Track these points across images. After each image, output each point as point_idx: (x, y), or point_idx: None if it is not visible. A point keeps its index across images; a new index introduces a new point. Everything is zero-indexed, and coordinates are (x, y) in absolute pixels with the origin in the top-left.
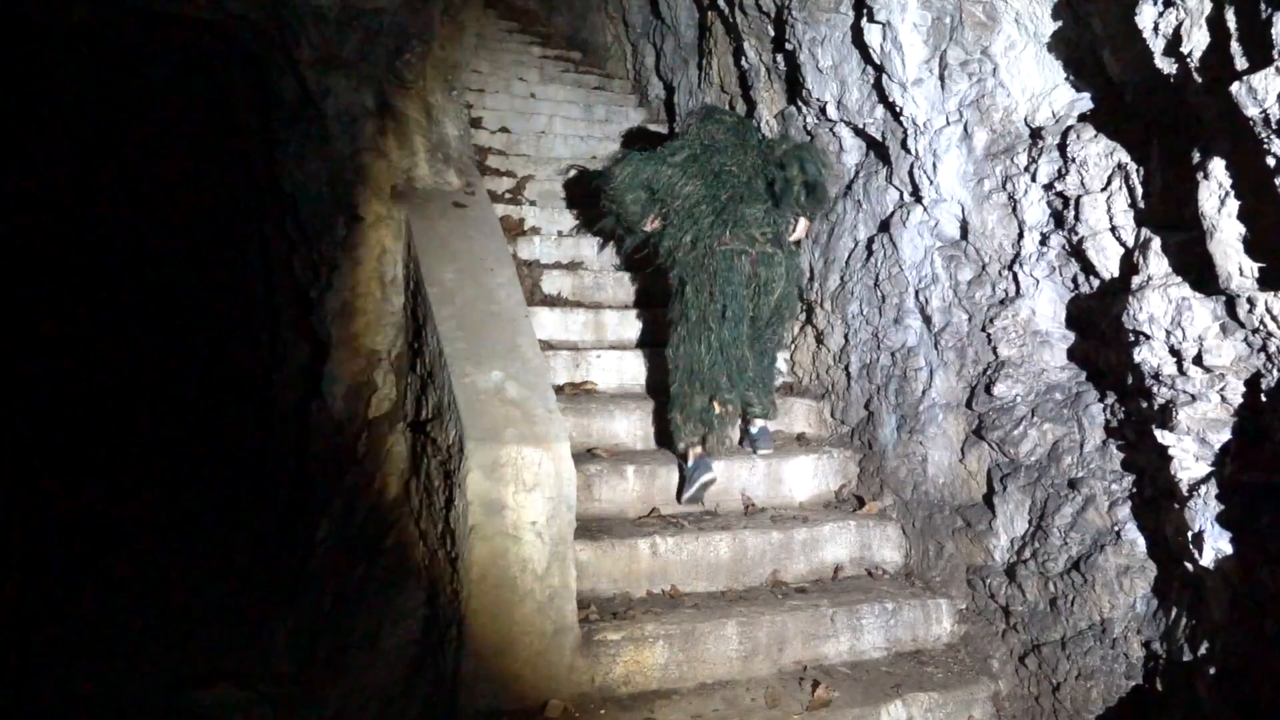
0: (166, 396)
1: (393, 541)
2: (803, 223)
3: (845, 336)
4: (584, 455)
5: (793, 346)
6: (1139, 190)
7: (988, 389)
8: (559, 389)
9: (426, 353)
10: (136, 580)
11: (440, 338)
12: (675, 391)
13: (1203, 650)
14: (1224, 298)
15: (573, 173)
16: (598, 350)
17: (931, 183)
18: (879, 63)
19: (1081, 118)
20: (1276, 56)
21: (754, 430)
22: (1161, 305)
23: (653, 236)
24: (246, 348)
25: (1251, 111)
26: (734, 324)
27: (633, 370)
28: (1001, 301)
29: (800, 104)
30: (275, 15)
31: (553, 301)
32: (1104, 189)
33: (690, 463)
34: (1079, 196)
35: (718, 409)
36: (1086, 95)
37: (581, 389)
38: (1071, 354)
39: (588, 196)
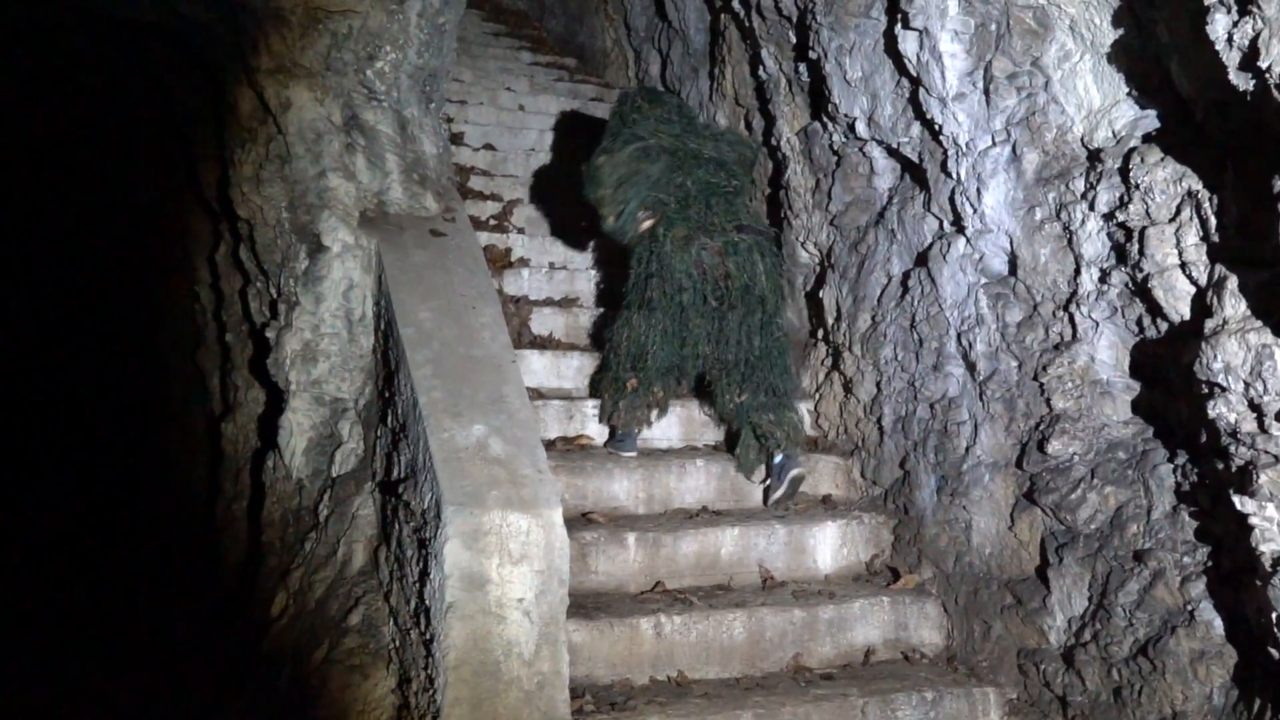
0: (89, 442)
1: (359, 619)
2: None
3: (877, 385)
4: (578, 521)
5: (816, 396)
6: (1212, 222)
7: (1040, 446)
8: (550, 444)
9: (399, 403)
10: (56, 660)
11: (415, 386)
12: (604, 363)
13: None
14: None
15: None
16: (594, 400)
17: (975, 211)
18: (915, 75)
19: (1146, 138)
20: None
21: (777, 461)
22: (1239, 353)
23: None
24: (193, 393)
25: None
26: (677, 317)
27: None
28: (1056, 346)
29: (826, 120)
30: (231, 19)
31: (544, 344)
32: (1172, 220)
33: (619, 432)
34: (1144, 228)
35: (630, 388)
36: (1152, 113)
37: (576, 444)
38: (1136, 407)
39: (582, 224)
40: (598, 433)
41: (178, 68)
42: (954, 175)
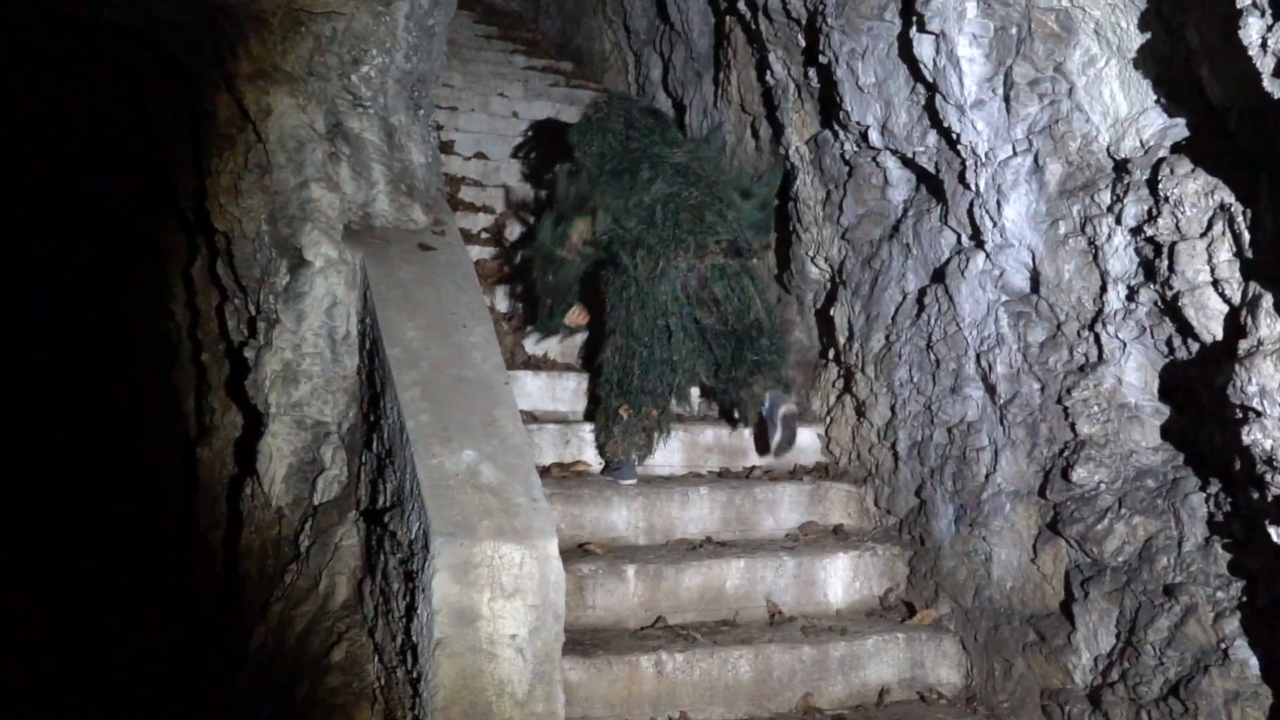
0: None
1: (342, 656)
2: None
3: (892, 408)
4: (575, 552)
5: (827, 420)
6: (1246, 237)
7: (1065, 474)
8: (545, 471)
9: (385, 426)
10: (19, 693)
11: (401, 409)
12: (597, 393)
13: None
14: None
15: None
16: (591, 424)
17: (995, 224)
18: (931, 80)
19: (1175, 148)
20: None
21: (767, 404)
22: (1275, 375)
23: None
24: (166, 416)
25: None
26: (665, 342)
27: None
28: (1081, 368)
29: (837, 128)
30: (208, 21)
31: (538, 364)
32: (1203, 234)
33: (617, 459)
34: (1173, 243)
35: (624, 415)
36: (1181, 121)
37: (572, 471)
38: (1166, 432)
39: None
40: (595, 458)
41: (152, 72)
42: (973, 187)
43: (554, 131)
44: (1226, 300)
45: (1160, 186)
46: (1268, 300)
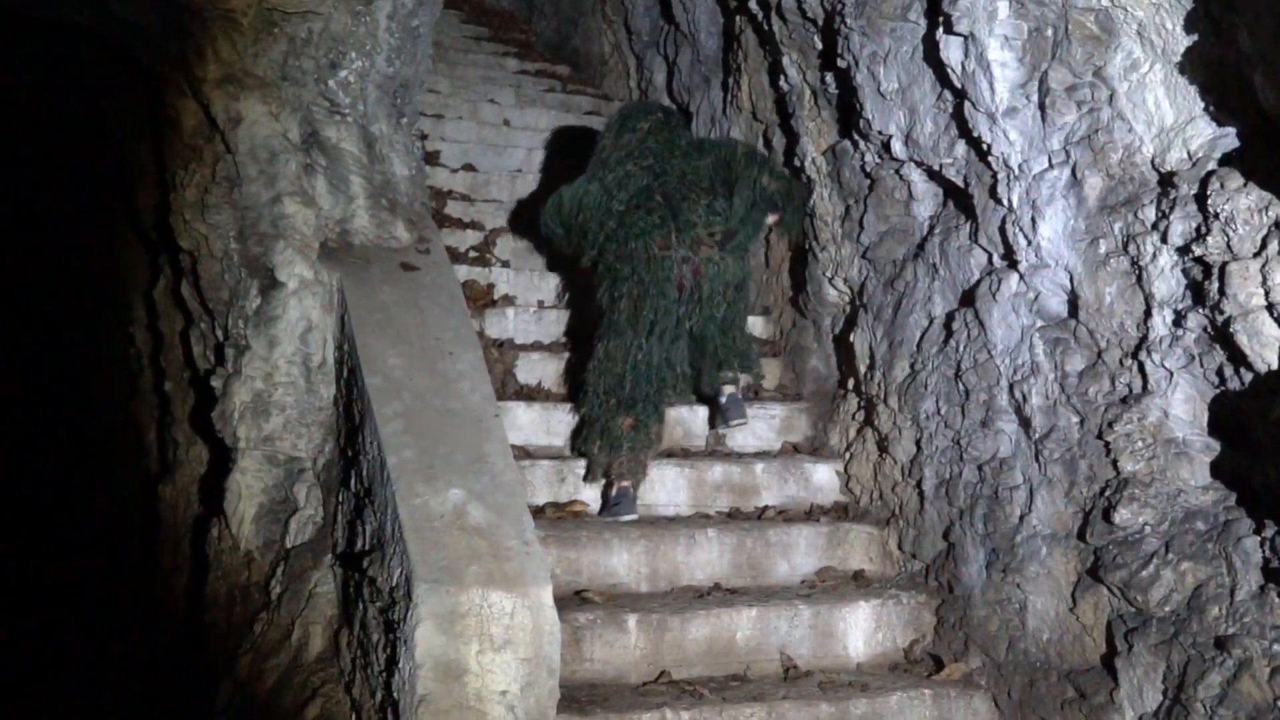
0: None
1: (316, 713)
2: (771, 215)
3: (917, 443)
4: (571, 600)
5: (846, 455)
6: None
7: (1106, 515)
8: (539, 511)
9: (364, 463)
10: None
11: (382, 443)
12: (588, 414)
13: None
14: None
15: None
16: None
17: (1030, 243)
18: (960, 86)
19: (1225, 160)
20: None
21: (723, 399)
22: None
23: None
24: (125, 449)
25: None
26: (662, 339)
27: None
28: (1123, 400)
29: (857, 137)
30: (173, 21)
31: (531, 394)
32: (1257, 254)
33: (614, 493)
34: (1224, 263)
35: (625, 427)
36: (1231, 131)
37: (568, 511)
38: (1217, 470)
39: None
40: (593, 497)
41: (112, 77)
42: (1005, 202)
43: (550, 140)
44: None
45: (1210, 202)
46: None
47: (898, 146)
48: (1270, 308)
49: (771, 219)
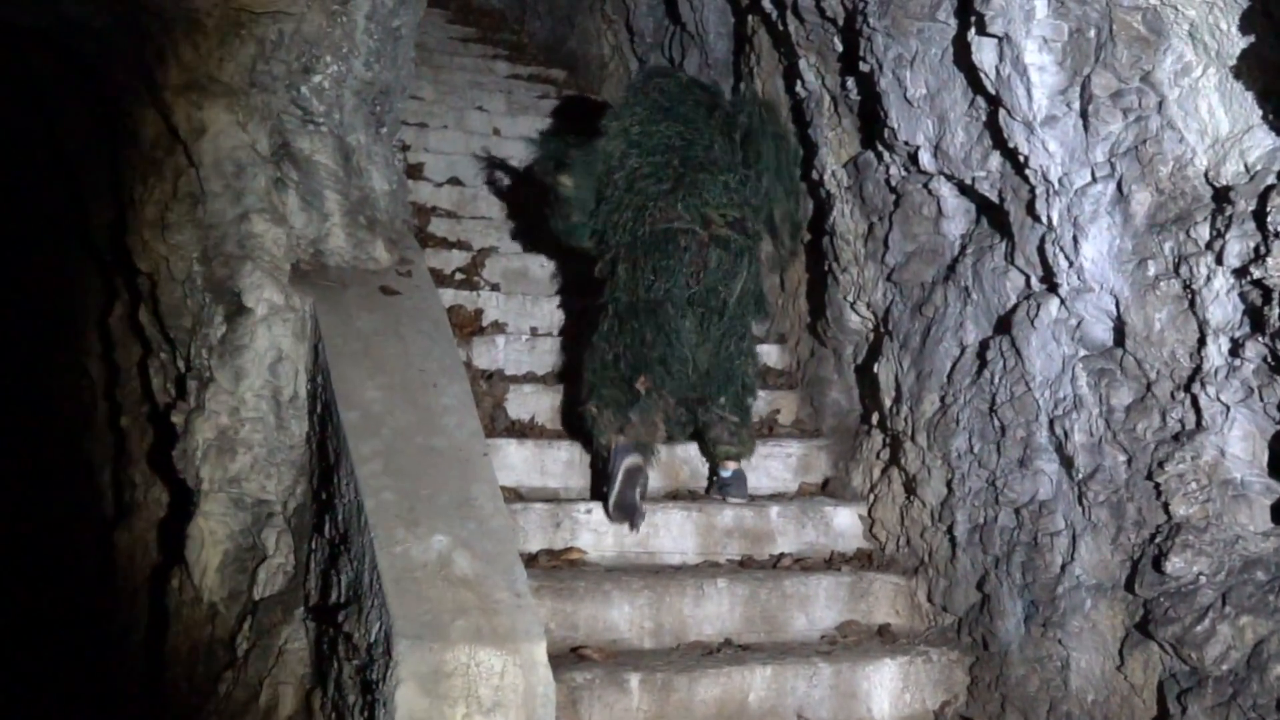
0: None
1: None
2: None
3: (948, 484)
4: (568, 658)
5: (870, 498)
6: None
7: (1157, 564)
8: (532, 559)
9: (340, 506)
10: None
11: (360, 485)
12: (592, 379)
13: None
14: None
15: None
16: (588, 503)
17: (1071, 264)
18: (994, 92)
19: None
20: None
21: (725, 474)
22: None
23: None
24: (78, 491)
25: None
26: (672, 313)
27: (639, 530)
28: (1175, 437)
29: (881, 148)
30: (132, 23)
31: (524, 430)
32: None
33: (614, 449)
34: None
35: (643, 389)
36: None
37: (564, 559)
38: (1279, 514)
39: (575, 273)
40: (591, 542)
41: (64, 84)
42: (1044, 219)
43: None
44: None
45: (1270, 219)
46: None
47: (926, 158)
48: None
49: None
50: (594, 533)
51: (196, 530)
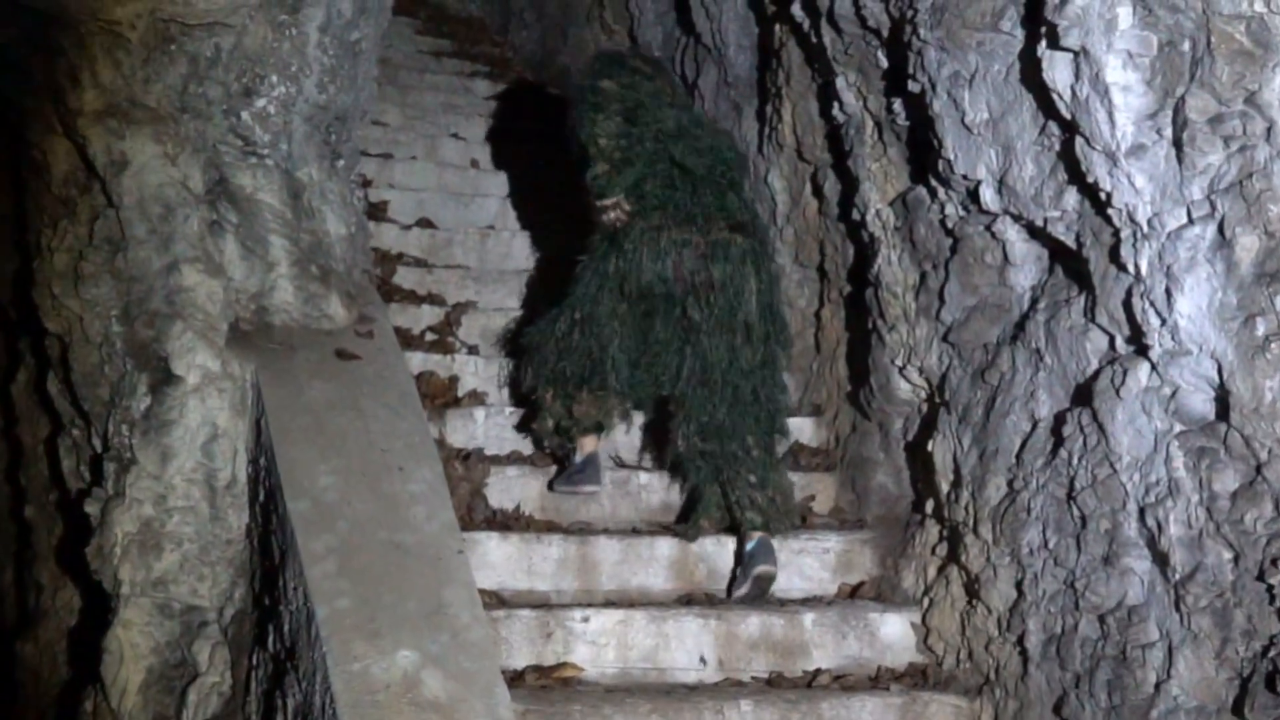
0: None
1: None
2: None
3: (1018, 586)
4: None
5: (924, 602)
6: None
7: (1271, 682)
8: (517, 677)
9: (286, 614)
10: None
11: (310, 589)
12: (543, 381)
13: None
14: None
15: None
16: (584, 609)
17: (1164, 322)
18: (1069, 117)
19: None
20: None
21: (750, 545)
22: None
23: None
24: None
25: None
26: (638, 322)
27: (646, 642)
28: None
29: (934, 183)
30: (40, 38)
31: (507, 522)
32: None
33: (579, 459)
34: None
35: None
36: None
37: (556, 678)
38: None
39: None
40: (588, 657)
41: None
42: (1130, 268)
43: (536, 193)
44: None
45: None
46: None
47: (988, 195)
48: None
49: None
50: (592, 645)
51: (115, 642)
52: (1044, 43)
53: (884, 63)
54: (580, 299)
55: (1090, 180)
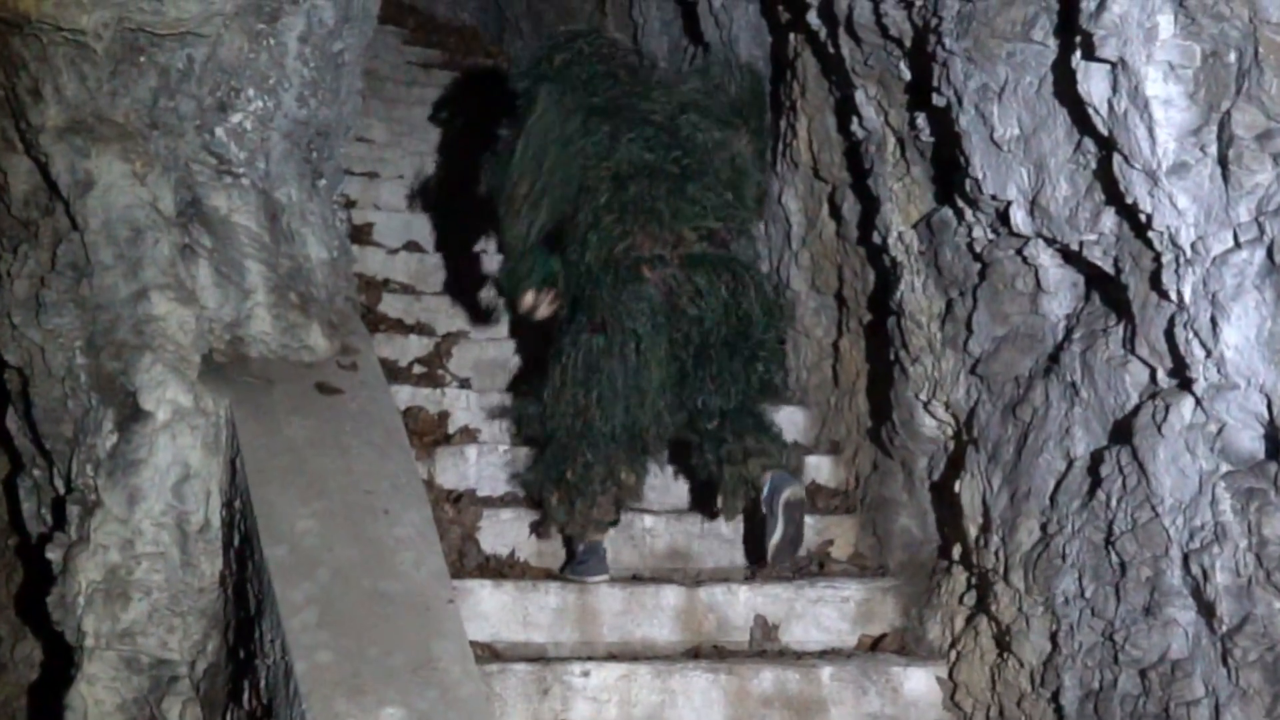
0: None
1: None
2: None
3: (1052, 638)
4: None
5: (951, 655)
6: None
7: None
8: None
9: (263, 669)
10: None
11: (288, 642)
12: (551, 460)
13: None
14: None
15: None
16: (584, 663)
17: (1209, 353)
18: (1106, 133)
19: None
20: None
21: (767, 486)
22: None
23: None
24: None
25: None
26: (645, 366)
27: (650, 699)
28: None
29: (961, 204)
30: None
31: (501, 569)
32: None
33: (581, 548)
34: None
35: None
36: None
37: None
38: None
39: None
40: (589, 714)
41: None
42: (1173, 295)
43: None
44: None
45: None
46: None
47: (1019, 217)
48: None
49: None
50: (592, 701)
51: (78, 699)
52: (1079, 53)
53: (907, 75)
54: (565, 350)
55: (1129, 201)
